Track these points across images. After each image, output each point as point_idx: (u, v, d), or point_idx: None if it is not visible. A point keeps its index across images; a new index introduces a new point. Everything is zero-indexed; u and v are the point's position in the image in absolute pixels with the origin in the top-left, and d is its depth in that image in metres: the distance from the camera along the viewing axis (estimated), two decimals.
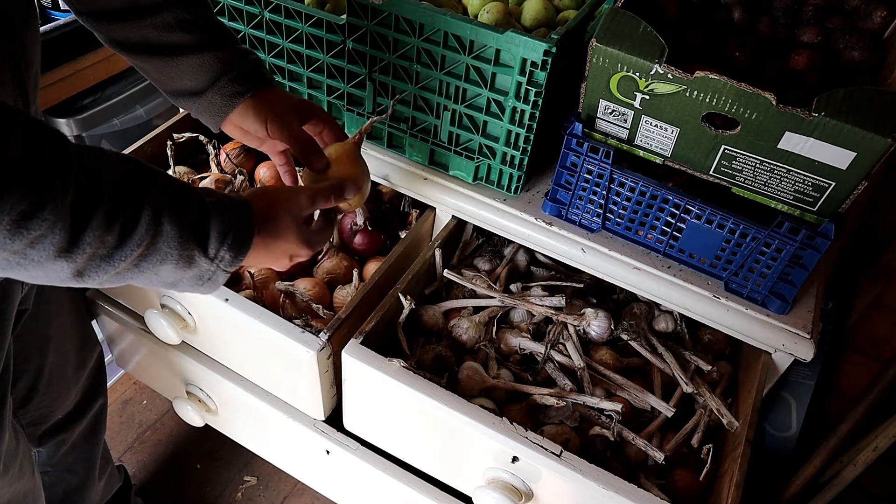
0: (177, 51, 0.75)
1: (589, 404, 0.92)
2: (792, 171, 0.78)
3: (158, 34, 0.74)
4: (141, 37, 0.75)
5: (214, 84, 0.77)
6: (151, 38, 0.75)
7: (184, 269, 0.57)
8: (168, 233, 0.54)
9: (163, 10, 0.74)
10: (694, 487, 0.89)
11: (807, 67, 0.89)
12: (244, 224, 0.61)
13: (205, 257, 0.58)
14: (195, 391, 1.19)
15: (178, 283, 0.59)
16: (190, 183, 0.64)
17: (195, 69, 0.77)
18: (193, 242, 0.56)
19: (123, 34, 0.75)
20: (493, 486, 0.85)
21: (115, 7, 0.73)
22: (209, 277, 0.60)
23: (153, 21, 0.74)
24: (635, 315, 1.06)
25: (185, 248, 0.56)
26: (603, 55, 0.79)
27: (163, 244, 0.54)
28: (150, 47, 0.75)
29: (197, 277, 0.59)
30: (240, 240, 0.60)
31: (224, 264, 0.60)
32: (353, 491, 1.11)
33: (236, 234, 0.60)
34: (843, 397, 1.50)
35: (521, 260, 1.13)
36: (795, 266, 0.86)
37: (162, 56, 0.76)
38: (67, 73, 1.40)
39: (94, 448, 1.13)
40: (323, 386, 0.95)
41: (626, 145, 0.88)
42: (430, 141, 1.00)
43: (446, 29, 0.86)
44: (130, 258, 0.53)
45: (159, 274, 0.56)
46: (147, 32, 0.74)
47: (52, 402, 1.00)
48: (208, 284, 0.61)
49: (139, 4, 0.73)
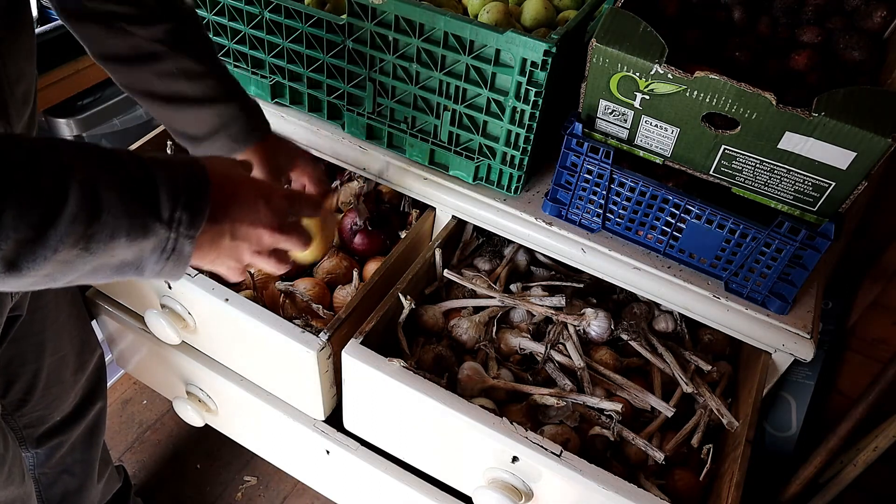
0: (177, 101, 0.76)
1: (589, 404, 0.92)
2: (792, 171, 0.78)
3: (161, 82, 0.75)
4: (144, 82, 0.75)
5: (212, 137, 0.77)
6: (154, 85, 0.75)
7: (140, 241, 0.51)
8: (108, 200, 0.48)
9: (167, 58, 0.73)
10: (694, 487, 0.89)
11: (807, 67, 0.89)
12: (195, 176, 0.54)
13: (159, 221, 0.51)
14: (195, 391, 1.19)
15: (141, 262, 0.53)
16: None
17: (193, 121, 0.78)
18: (140, 205, 0.50)
19: (128, 78, 0.76)
20: (493, 486, 0.85)
21: (122, 53, 0.73)
22: (172, 247, 0.53)
23: (156, 69, 0.74)
24: (635, 315, 1.06)
25: (134, 214, 0.50)
26: (603, 55, 0.79)
27: (107, 216, 0.48)
28: (152, 94, 0.76)
29: (158, 250, 0.53)
30: (194, 194, 0.53)
31: (185, 227, 0.53)
32: (353, 491, 1.11)
33: (188, 189, 0.53)
34: (843, 397, 1.50)
35: (521, 260, 1.13)
36: (795, 266, 0.86)
37: (162, 103, 0.76)
38: (67, 73, 1.40)
39: (92, 450, 1.13)
40: (323, 386, 0.95)
41: (626, 145, 0.88)
42: (430, 141, 1.00)
43: (446, 29, 0.86)
44: (71, 239, 0.47)
45: (115, 253, 0.50)
46: (150, 79, 0.75)
47: (50, 405, 0.99)
48: (175, 259, 0.54)
49: (143, 51, 0.73)
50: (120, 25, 0.71)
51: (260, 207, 0.60)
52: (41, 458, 1.04)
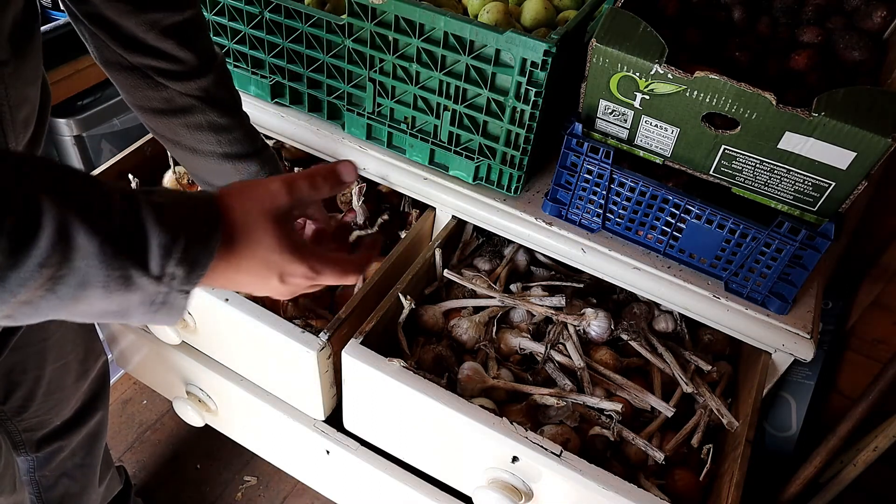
0: (202, 153, 0.77)
1: (589, 404, 0.92)
2: (792, 171, 0.78)
3: (190, 133, 0.75)
4: (173, 132, 0.76)
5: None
6: (182, 135, 0.76)
7: (122, 294, 0.44)
8: (83, 247, 0.41)
9: (197, 111, 0.74)
10: (694, 487, 0.89)
11: (807, 67, 0.89)
12: (201, 228, 0.47)
13: (147, 276, 0.44)
14: (195, 391, 1.19)
15: (126, 312, 0.47)
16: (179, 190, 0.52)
17: (214, 172, 0.79)
18: (125, 258, 0.43)
19: (159, 127, 0.77)
20: (493, 486, 0.85)
21: (156, 105, 0.74)
22: (162, 301, 0.47)
23: (186, 121, 0.74)
24: (635, 315, 1.06)
25: (114, 265, 0.43)
26: (603, 55, 0.79)
27: (79, 261, 0.41)
28: (179, 143, 0.77)
29: (146, 303, 0.46)
30: (195, 250, 0.46)
31: (178, 283, 0.46)
32: (353, 491, 1.11)
33: (189, 242, 0.46)
34: (843, 397, 1.50)
35: (521, 260, 1.13)
36: (795, 266, 0.86)
37: (188, 153, 0.78)
38: (67, 73, 1.40)
39: (93, 455, 1.12)
40: (323, 386, 0.95)
41: (626, 145, 0.88)
42: (430, 141, 1.00)
43: (446, 29, 0.86)
44: (36, 282, 0.40)
45: (89, 301, 0.44)
46: (179, 130, 0.75)
47: (50, 411, 0.98)
48: (164, 311, 0.48)
49: (176, 105, 0.73)
50: (157, 79, 0.72)
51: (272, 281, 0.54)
52: (40, 462, 1.04)
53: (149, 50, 0.69)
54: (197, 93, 0.73)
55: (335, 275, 0.56)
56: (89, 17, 0.68)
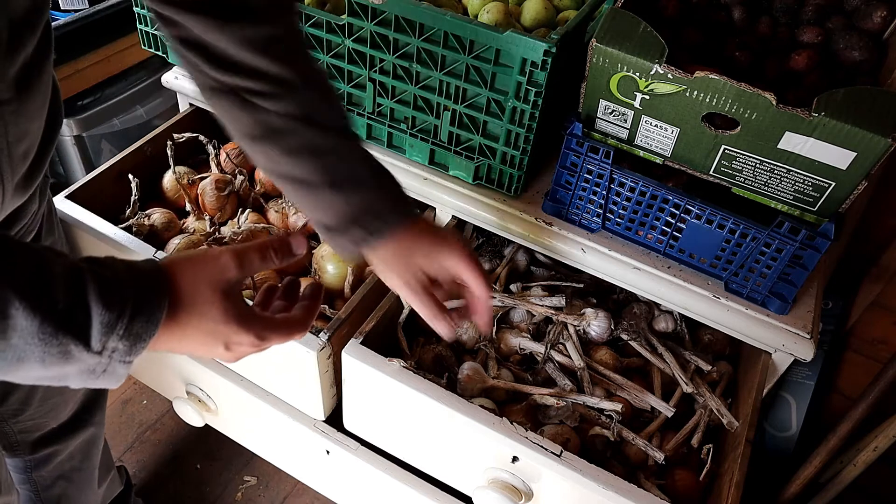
0: (307, 183, 0.67)
1: (589, 404, 0.92)
2: (792, 171, 0.78)
3: (290, 161, 0.67)
4: (276, 162, 0.68)
5: (345, 228, 0.68)
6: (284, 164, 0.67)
7: (59, 366, 0.45)
8: (21, 327, 0.42)
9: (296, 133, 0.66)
10: (694, 487, 0.89)
11: (807, 67, 0.89)
12: (146, 303, 0.48)
13: (88, 352, 0.45)
14: (195, 391, 1.19)
15: (64, 378, 0.47)
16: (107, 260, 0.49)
17: (325, 208, 0.68)
18: (65, 335, 0.44)
19: (264, 161, 0.69)
20: (494, 486, 0.85)
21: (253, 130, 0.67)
22: (103, 370, 0.47)
23: (285, 145, 0.66)
24: (635, 315, 1.06)
25: (53, 343, 0.43)
26: (603, 55, 0.79)
27: (17, 339, 0.42)
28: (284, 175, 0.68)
29: (85, 372, 0.47)
30: (138, 325, 0.47)
31: (119, 355, 0.47)
32: (353, 491, 1.11)
33: (133, 318, 0.47)
34: (843, 397, 1.50)
35: (521, 260, 1.13)
36: (795, 266, 0.86)
37: (297, 185, 0.68)
38: (67, 73, 1.40)
39: (90, 460, 1.12)
40: (323, 386, 0.95)
41: (626, 145, 0.88)
42: (430, 141, 1.00)
43: (446, 29, 0.86)
44: None
45: (26, 370, 0.45)
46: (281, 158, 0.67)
47: (47, 414, 0.98)
48: (104, 378, 0.48)
49: (272, 126, 0.66)
50: (251, 100, 0.65)
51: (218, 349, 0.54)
52: (36, 463, 1.03)
53: (240, 68, 0.64)
54: (293, 113, 0.66)
55: (281, 337, 0.57)
56: (182, 41, 0.64)
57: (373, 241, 0.68)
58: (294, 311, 0.60)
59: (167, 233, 1.13)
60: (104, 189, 1.11)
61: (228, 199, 1.19)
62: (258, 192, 1.22)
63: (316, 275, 1.08)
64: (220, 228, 1.14)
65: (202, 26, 0.63)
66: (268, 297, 0.63)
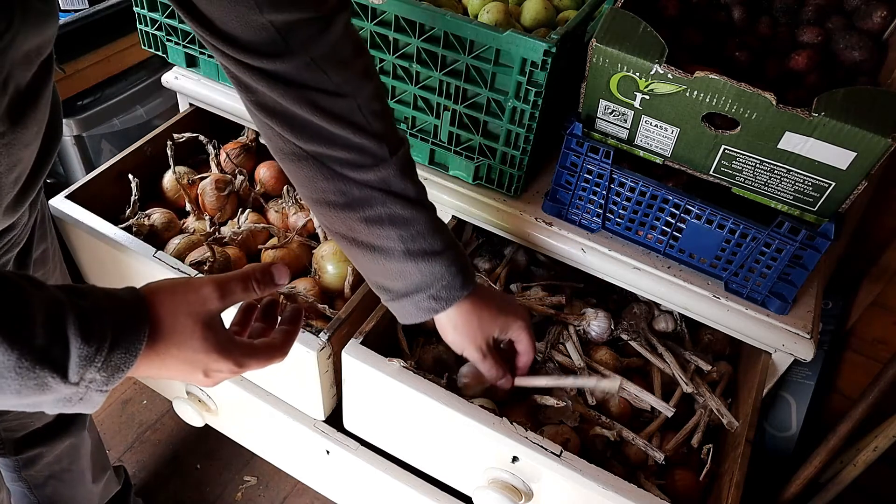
0: (381, 249, 0.69)
1: (587, 385, 0.92)
2: (792, 171, 0.78)
3: (367, 227, 0.68)
4: (350, 228, 0.69)
5: (411, 295, 0.71)
6: (359, 231, 0.69)
7: (36, 396, 0.46)
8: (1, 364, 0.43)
9: (377, 204, 0.67)
10: (694, 487, 0.89)
11: (807, 67, 0.89)
12: (126, 334, 0.48)
13: (65, 383, 0.46)
14: (195, 391, 1.19)
15: (39, 406, 0.48)
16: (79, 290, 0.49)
17: (395, 275, 0.71)
18: (42, 368, 0.44)
19: (335, 223, 0.70)
20: (494, 486, 0.85)
21: (333, 198, 0.67)
22: (80, 398, 0.48)
23: (364, 214, 0.67)
24: (635, 315, 1.06)
25: (30, 377, 0.44)
26: (603, 55, 0.79)
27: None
28: (356, 241, 0.70)
29: (61, 401, 0.47)
30: (117, 357, 0.47)
31: (97, 385, 0.47)
32: (353, 491, 1.11)
33: (112, 350, 0.47)
34: (843, 397, 1.50)
35: (520, 260, 1.13)
36: (795, 266, 0.86)
37: (365, 250, 0.70)
38: (67, 73, 1.40)
39: (79, 462, 1.12)
40: (323, 386, 0.95)
41: (626, 145, 0.88)
42: (430, 141, 1.00)
43: (446, 29, 0.86)
44: None
45: (2, 400, 0.45)
46: (356, 225, 0.68)
47: (32, 414, 0.98)
48: (81, 405, 0.49)
49: (354, 197, 0.67)
50: (334, 168, 0.66)
51: (197, 376, 0.55)
52: (24, 463, 1.03)
53: (324, 137, 0.64)
54: (377, 184, 0.67)
55: (260, 363, 0.58)
56: (261, 107, 0.64)
57: (440, 309, 0.71)
58: (273, 336, 0.61)
59: (167, 233, 1.13)
60: (104, 189, 1.11)
61: (228, 199, 1.19)
62: (258, 192, 1.22)
63: (316, 275, 1.08)
64: (220, 228, 1.14)
65: (281, 94, 0.62)
66: (246, 318, 0.63)
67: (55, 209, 1.04)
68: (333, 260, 1.06)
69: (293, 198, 1.19)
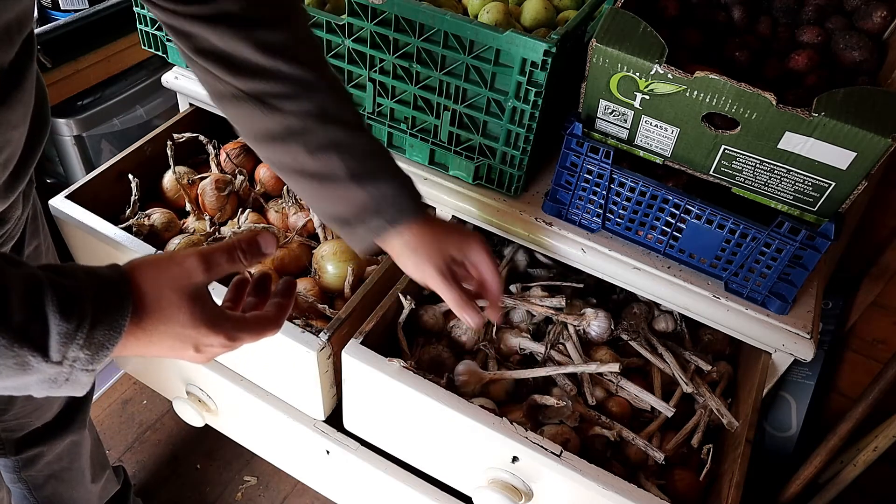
0: (328, 178, 0.70)
1: (588, 371, 0.92)
2: (792, 171, 0.78)
3: (313, 158, 0.69)
4: (295, 160, 0.70)
5: (363, 218, 0.71)
6: (305, 161, 0.70)
7: (18, 377, 0.45)
8: None
9: (318, 131, 0.69)
10: (694, 487, 0.89)
11: (807, 67, 0.89)
12: (108, 311, 0.47)
13: (47, 362, 0.45)
14: (195, 391, 1.19)
15: (26, 388, 0.47)
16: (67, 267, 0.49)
17: (344, 201, 0.71)
18: (21, 347, 0.44)
19: (280, 157, 0.71)
20: (494, 486, 0.85)
21: (274, 131, 0.69)
22: (66, 378, 0.47)
23: (307, 143, 0.69)
24: (635, 315, 1.06)
25: (8, 355, 0.43)
26: (603, 55, 0.79)
27: None
28: (303, 172, 0.71)
29: (46, 382, 0.47)
30: (100, 334, 0.46)
31: (81, 363, 0.47)
32: (353, 491, 1.11)
33: (94, 327, 0.46)
34: (843, 397, 1.50)
35: (520, 260, 1.13)
36: (795, 266, 0.86)
37: (313, 182, 0.71)
38: (67, 73, 1.40)
39: (79, 461, 1.12)
40: (323, 386, 0.95)
41: (626, 145, 0.88)
42: (430, 141, 1.00)
43: (446, 29, 0.86)
44: None
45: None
46: (301, 155, 0.69)
47: (31, 414, 0.98)
48: (68, 387, 0.48)
49: (294, 128, 0.68)
50: (272, 103, 0.67)
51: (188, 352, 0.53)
52: (24, 463, 1.03)
53: (261, 73, 0.66)
54: (314, 111, 0.69)
55: (253, 336, 0.57)
56: (199, 52, 0.66)
57: (391, 230, 0.71)
58: (266, 309, 0.60)
59: (167, 233, 1.13)
60: (104, 189, 1.11)
61: (228, 199, 1.19)
62: (258, 192, 1.22)
63: (316, 275, 1.08)
64: (220, 228, 1.14)
65: (218, 36, 0.64)
66: (238, 293, 0.62)
67: (55, 209, 1.04)
68: (333, 260, 1.06)
69: (293, 198, 1.19)
